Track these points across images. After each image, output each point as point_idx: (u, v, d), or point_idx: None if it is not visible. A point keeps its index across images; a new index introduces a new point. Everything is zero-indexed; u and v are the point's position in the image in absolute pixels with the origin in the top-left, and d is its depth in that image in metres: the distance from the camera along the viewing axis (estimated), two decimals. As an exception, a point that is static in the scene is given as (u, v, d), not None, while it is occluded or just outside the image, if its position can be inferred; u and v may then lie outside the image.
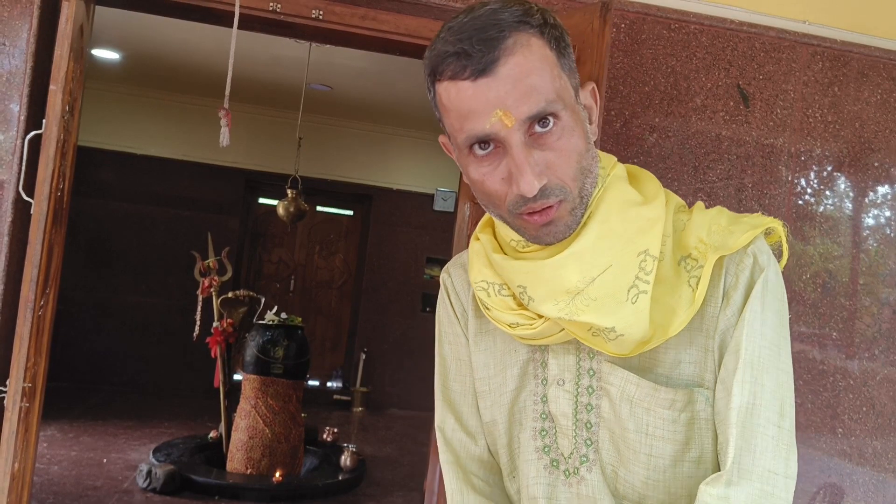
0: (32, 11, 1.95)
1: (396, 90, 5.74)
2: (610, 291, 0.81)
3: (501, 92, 0.76)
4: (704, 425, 0.85)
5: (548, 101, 0.77)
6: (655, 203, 0.86)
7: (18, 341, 1.74)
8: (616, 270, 0.82)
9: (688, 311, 0.83)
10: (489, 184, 0.81)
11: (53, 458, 4.48)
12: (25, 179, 1.91)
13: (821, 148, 2.39)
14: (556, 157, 0.79)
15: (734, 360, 0.82)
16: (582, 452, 0.89)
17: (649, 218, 0.84)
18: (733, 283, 0.84)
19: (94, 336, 6.42)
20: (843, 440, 2.34)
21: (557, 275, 0.82)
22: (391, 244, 7.20)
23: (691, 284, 0.84)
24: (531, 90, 0.77)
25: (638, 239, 0.83)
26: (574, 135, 0.80)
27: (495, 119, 0.77)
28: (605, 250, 0.82)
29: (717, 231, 0.85)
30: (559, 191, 0.80)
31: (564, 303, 0.82)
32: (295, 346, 4.59)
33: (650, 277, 0.82)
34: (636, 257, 0.82)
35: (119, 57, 5.61)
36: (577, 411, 0.89)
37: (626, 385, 0.86)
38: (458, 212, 2.36)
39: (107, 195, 6.53)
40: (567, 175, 0.80)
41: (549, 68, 0.78)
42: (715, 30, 2.34)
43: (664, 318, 0.83)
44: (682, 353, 0.86)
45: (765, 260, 0.85)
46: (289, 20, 2.25)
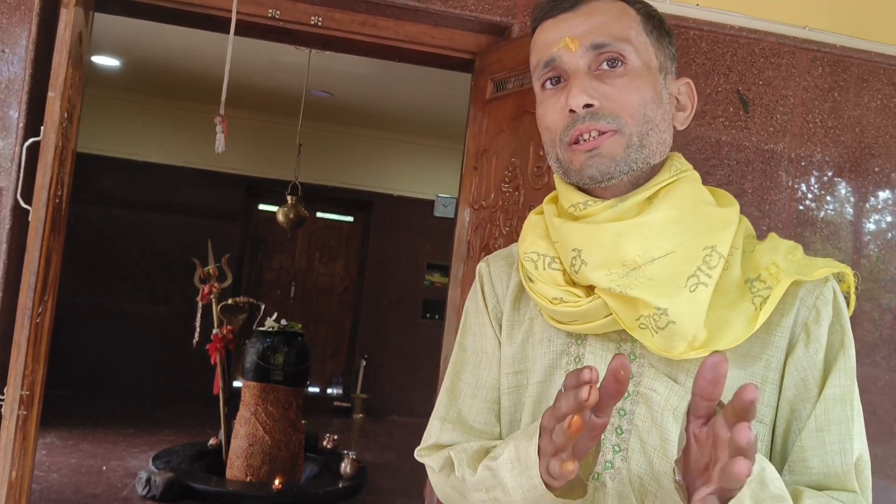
0: (31, 18, 1.95)
1: (397, 96, 5.75)
2: (668, 275, 0.79)
3: (575, 23, 0.85)
4: None
5: (616, 38, 0.83)
6: (730, 209, 0.85)
7: (16, 349, 1.73)
8: (678, 258, 0.80)
9: (746, 328, 0.78)
10: (549, 115, 0.86)
11: (53, 466, 4.47)
12: (24, 186, 1.91)
13: (821, 153, 2.39)
14: (616, 91, 0.82)
15: (841, 410, 0.79)
16: (608, 458, 0.84)
17: (722, 219, 0.83)
18: (814, 318, 0.81)
19: (93, 343, 6.41)
20: (845, 447, 2.33)
21: (617, 242, 0.81)
22: (392, 250, 7.19)
23: (755, 304, 0.80)
24: (602, 25, 0.84)
25: (707, 234, 0.81)
26: (642, 82, 0.84)
27: (563, 44, 0.84)
28: (670, 235, 0.81)
29: (792, 260, 0.82)
30: (612, 119, 0.82)
31: (618, 274, 0.80)
32: (295, 353, 4.58)
33: (713, 273, 0.79)
34: (702, 250, 0.80)
35: (119, 63, 5.62)
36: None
37: (671, 396, 0.82)
38: (457, 218, 2.35)
39: (107, 202, 6.54)
40: (625, 110, 0.83)
41: (628, 21, 0.85)
42: (714, 35, 2.34)
43: (718, 328, 0.79)
44: (733, 378, 0.80)
45: (843, 300, 0.82)
46: (288, 27, 2.25)
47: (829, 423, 0.79)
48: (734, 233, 0.83)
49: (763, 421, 0.81)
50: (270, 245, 7.23)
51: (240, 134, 6.43)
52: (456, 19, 2.26)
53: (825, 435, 0.79)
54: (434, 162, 7.11)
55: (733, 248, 0.83)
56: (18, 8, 1.95)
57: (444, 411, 0.98)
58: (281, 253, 7.26)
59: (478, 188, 2.27)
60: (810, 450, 0.79)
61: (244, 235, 7.08)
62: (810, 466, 0.79)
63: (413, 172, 7.19)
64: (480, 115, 2.30)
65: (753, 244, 0.86)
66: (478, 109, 2.31)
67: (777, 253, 0.83)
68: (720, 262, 0.79)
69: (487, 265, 1.02)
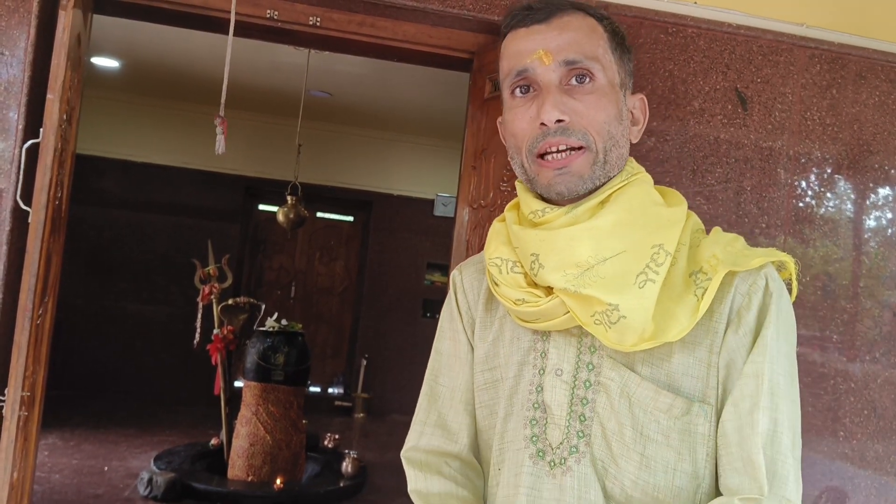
0: (30, 21, 1.95)
1: (396, 96, 5.75)
2: (619, 273, 0.85)
3: (548, 36, 0.89)
4: (700, 440, 0.86)
5: (587, 56, 0.88)
6: (677, 209, 0.92)
7: (17, 350, 1.74)
8: (628, 256, 0.85)
9: (689, 319, 0.84)
10: (517, 122, 0.91)
11: (55, 467, 4.47)
12: (23, 188, 1.91)
13: (819, 150, 2.39)
14: (584, 107, 0.88)
15: (754, 384, 0.83)
16: (573, 443, 0.89)
17: (669, 218, 0.89)
18: (745, 304, 0.86)
19: (94, 344, 6.42)
20: (844, 443, 2.34)
21: (570, 245, 0.86)
22: (392, 250, 7.19)
23: (697, 295, 0.85)
24: (575, 41, 0.89)
25: (655, 233, 0.87)
26: (607, 100, 0.89)
27: (536, 56, 0.88)
28: (621, 237, 0.86)
29: (731, 252, 0.88)
30: (581, 135, 0.88)
31: (573, 275, 0.85)
32: (295, 353, 4.58)
33: (661, 269, 0.85)
34: (650, 248, 0.86)
35: (119, 65, 5.62)
36: (573, 403, 0.90)
37: (628, 383, 0.87)
38: (456, 217, 2.36)
39: (107, 203, 6.54)
40: (592, 126, 0.88)
41: (597, 39, 0.90)
42: (712, 33, 2.34)
43: (665, 321, 0.85)
44: (683, 364, 0.87)
45: (777, 287, 0.87)
46: (286, 27, 2.25)
47: (743, 397, 0.84)
48: (681, 230, 0.89)
49: (708, 402, 0.86)
50: (271, 245, 7.23)
51: (239, 134, 6.43)
52: (454, 19, 2.26)
53: (739, 408, 0.84)
54: (434, 161, 7.11)
55: (680, 245, 0.89)
56: (17, 10, 1.95)
57: (425, 415, 1.05)
58: (281, 253, 7.26)
59: (476, 187, 2.27)
60: (728, 423, 0.84)
61: (244, 236, 7.08)
62: (730, 441, 0.84)
63: (413, 172, 7.19)
64: (479, 115, 2.30)
65: (700, 238, 0.92)
66: (476, 109, 2.31)
67: (717, 245, 0.89)
68: (667, 259, 0.86)
69: (460, 273, 1.09)
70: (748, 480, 0.82)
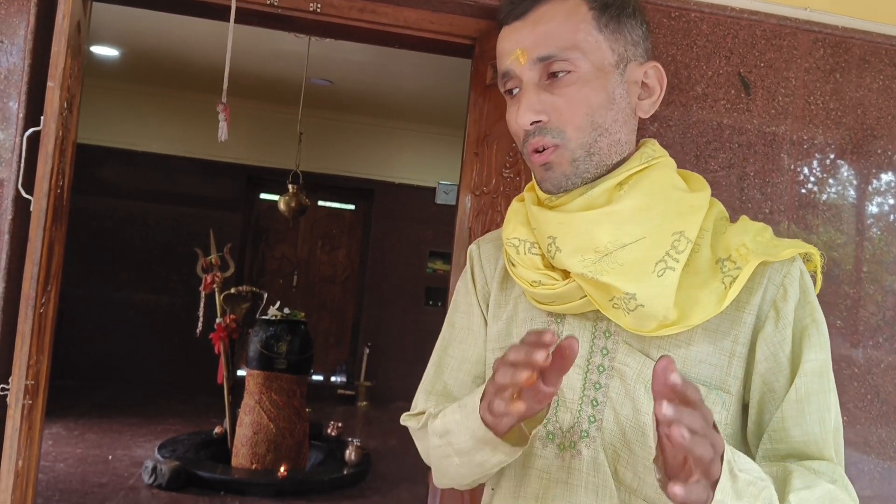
0: (30, 9, 1.94)
1: (397, 83, 5.73)
2: (638, 260, 0.83)
3: (524, 33, 0.87)
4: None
5: (560, 48, 0.85)
6: (701, 194, 0.89)
7: (20, 339, 1.74)
8: (648, 243, 0.84)
9: (715, 306, 0.83)
10: (511, 122, 0.90)
11: (59, 456, 4.49)
12: (25, 177, 1.91)
13: (823, 135, 2.38)
14: (563, 103, 0.85)
15: (818, 382, 0.84)
16: (583, 428, 0.89)
17: (692, 204, 0.87)
18: (782, 295, 0.85)
19: (97, 334, 6.43)
20: (847, 429, 2.34)
21: (589, 230, 0.85)
22: (393, 238, 7.19)
23: (725, 283, 0.84)
24: (547, 35, 0.85)
25: (677, 220, 0.85)
26: (590, 88, 0.85)
27: (514, 57, 0.87)
28: (641, 222, 0.84)
29: (761, 242, 0.86)
30: (556, 133, 0.86)
31: (591, 261, 0.84)
32: (298, 342, 4.59)
33: (681, 257, 0.83)
34: (671, 235, 0.84)
35: (118, 53, 5.61)
36: (585, 387, 0.89)
37: (644, 369, 0.86)
38: (458, 204, 2.35)
39: (108, 192, 6.54)
40: (570, 122, 0.85)
41: (576, 22, 0.86)
42: (715, 18, 2.32)
43: (688, 307, 0.83)
44: (703, 352, 0.85)
45: (809, 278, 0.87)
46: (287, 14, 2.23)
47: (809, 394, 0.83)
48: (703, 217, 0.87)
49: (729, 391, 0.85)
50: (272, 234, 7.23)
51: (240, 123, 6.41)
52: (455, 4, 2.25)
53: (805, 405, 0.83)
54: (435, 149, 7.10)
55: (703, 231, 0.87)
56: (16, -2, 1.94)
57: (430, 384, 1.05)
58: (283, 242, 7.26)
59: (479, 174, 2.26)
60: (790, 420, 0.83)
61: (246, 225, 7.08)
62: (791, 435, 0.83)
63: (414, 160, 7.18)
64: (481, 101, 2.29)
65: (725, 226, 0.90)
66: (478, 95, 2.30)
67: (747, 234, 0.87)
68: (688, 247, 0.84)
69: (478, 247, 1.08)
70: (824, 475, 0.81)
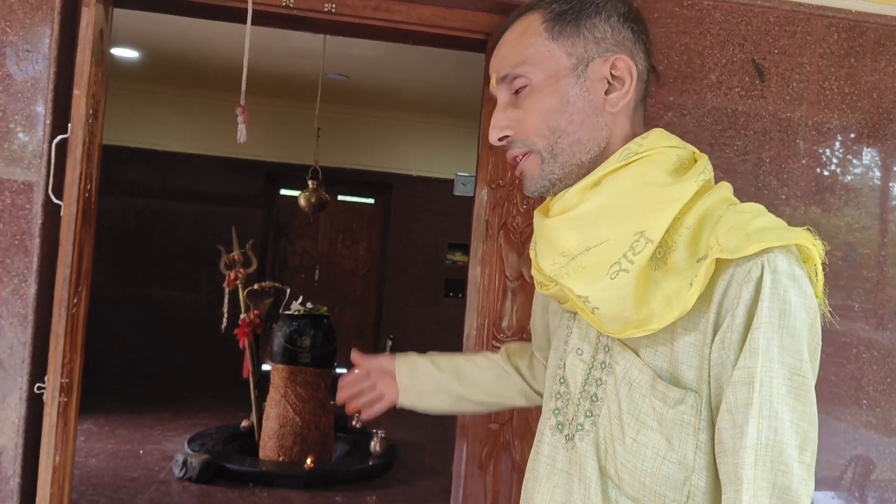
0: (53, 17, 2.00)
1: (413, 77, 5.75)
2: (598, 263, 0.84)
3: (494, 60, 0.96)
4: (689, 431, 0.82)
5: (513, 65, 0.92)
6: (678, 186, 0.85)
7: (55, 339, 1.80)
8: (611, 245, 0.84)
9: (680, 307, 0.80)
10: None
11: (91, 452, 4.60)
12: (54, 182, 1.97)
13: (838, 119, 2.38)
14: (523, 115, 0.92)
15: (746, 393, 0.77)
16: (580, 421, 0.92)
17: (662, 200, 0.84)
18: (735, 297, 0.79)
19: (125, 331, 6.55)
20: (868, 412, 2.34)
21: (556, 235, 0.89)
22: (413, 231, 7.23)
23: (692, 282, 0.80)
24: (504, 56, 0.94)
25: (641, 219, 0.83)
26: (543, 97, 0.91)
27: (493, 82, 0.96)
28: (606, 225, 0.85)
29: (737, 235, 0.79)
30: (521, 143, 0.93)
31: (559, 265, 0.88)
32: (321, 335, 4.65)
33: (637, 258, 0.82)
34: (631, 236, 0.83)
35: (139, 55, 5.68)
36: (587, 382, 0.92)
37: (631, 368, 0.87)
38: (476, 196, 2.38)
39: (132, 192, 6.64)
40: (532, 131, 0.91)
41: (526, 39, 0.92)
42: (728, 5, 2.33)
43: (662, 308, 0.81)
44: (684, 353, 0.83)
45: (782, 276, 0.77)
46: (302, 14, 2.27)
47: (737, 405, 0.78)
48: (676, 212, 0.83)
49: (700, 393, 0.82)
50: (293, 229, 7.30)
51: (259, 120, 6.46)
52: (467, 0, 2.27)
53: (734, 416, 0.78)
54: (452, 141, 7.12)
55: (682, 228, 0.83)
56: (40, 7, 1.99)
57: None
58: (304, 237, 7.33)
59: (494, 167, 2.29)
60: (724, 432, 0.79)
61: (267, 221, 7.15)
62: (725, 450, 0.79)
63: (431, 152, 7.20)
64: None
65: (719, 217, 0.83)
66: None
67: (723, 227, 0.80)
68: (647, 247, 0.82)
69: None
70: (733, 496, 0.77)
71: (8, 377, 1.96)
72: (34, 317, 1.98)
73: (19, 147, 1.99)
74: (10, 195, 1.98)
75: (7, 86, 1.99)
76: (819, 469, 2.32)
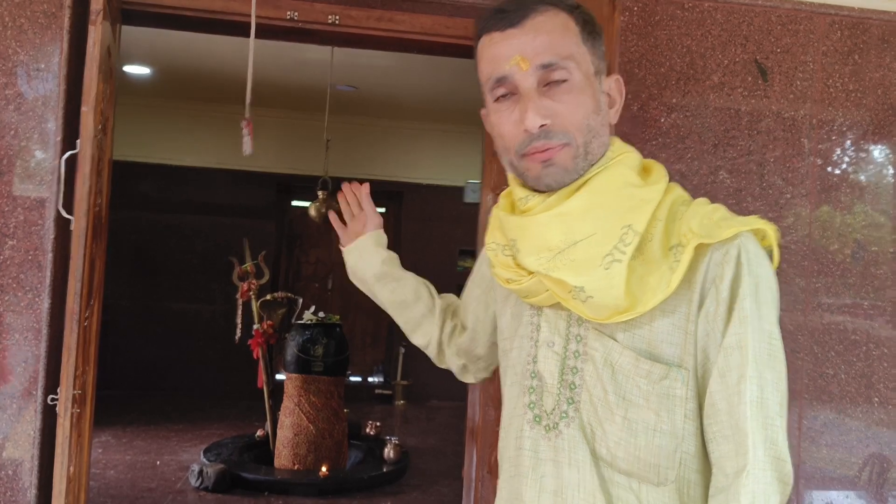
0: (62, 36, 2.04)
1: (421, 86, 5.78)
2: (588, 256, 0.89)
3: (523, 41, 0.92)
4: (678, 402, 0.90)
5: (560, 56, 0.91)
6: (653, 187, 0.95)
7: (66, 352, 1.83)
8: (598, 238, 0.90)
9: (664, 291, 0.88)
10: (504, 125, 0.95)
11: (109, 463, 4.64)
12: (65, 197, 2.01)
13: (843, 117, 2.38)
14: (563, 108, 0.92)
15: (738, 356, 0.87)
16: (563, 409, 0.96)
17: (642, 198, 0.92)
18: (719, 274, 0.89)
19: (141, 343, 6.60)
20: (879, 409, 2.33)
21: (542, 232, 0.92)
22: (424, 239, 7.25)
23: (672, 268, 0.89)
24: (548, 44, 0.91)
25: (626, 215, 0.91)
26: (585, 96, 0.93)
27: (514, 62, 0.92)
28: (591, 220, 0.91)
29: (707, 224, 0.90)
30: (562, 135, 0.92)
31: (545, 259, 0.91)
32: (334, 344, 4.67)
33: (628, 249, 0.89)
34: (620, 230, 0.90)
35: (150, 72, 5.75)
36: (563, 372, 0.96)
37: (611, 352, 0.92)
38: (482, 202, 2.40)
39: (147, 206, 6.71)
40: (572, 124, 0.92)
41: (569, 35, 0.93)
42: (730, 6, 2.33)
43: (642, 294, 0.89)
44: (662, 332, 0.91)
45: (753, 256, 0.89)
46: (307, 27, 2.30)
47: (729, 368, 0.87)
48: (654, 208, 0.92)
49: (685, 367, 0.91)
50: (306, 239, 7.34)
51: (268, 132, 6.54)
52: (469, 8, 2.30)
53: (727, 378, 0.87)
54: (461, 148, 7.14)
55: (656, 221, 0.92)
56: (50, 27, 2.04)
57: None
58: (317, 246, 7.37)
59: (499, 173, 2.31)
60: (717, 394, 0.88)
61: (280, 232, 7.20)
62: (719, 410, 0.88)
63: (441, 160, 7.23)
64: (498, 101, 2.33)
65: (682, 212, 0.94)
66: (495, 95, 2.34)
67: (695, 218, 0.91)
68: (635, 238, 0.90)
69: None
70: (734, 447, 0.86)
71: (23, 390, 2.00)
72: (48, 330, 2.01)
73: (32, 164, 2.03)
74: (23, 211, 2.02)
75: (19, 104, 2.03)
76: (834, 468, 2.31)
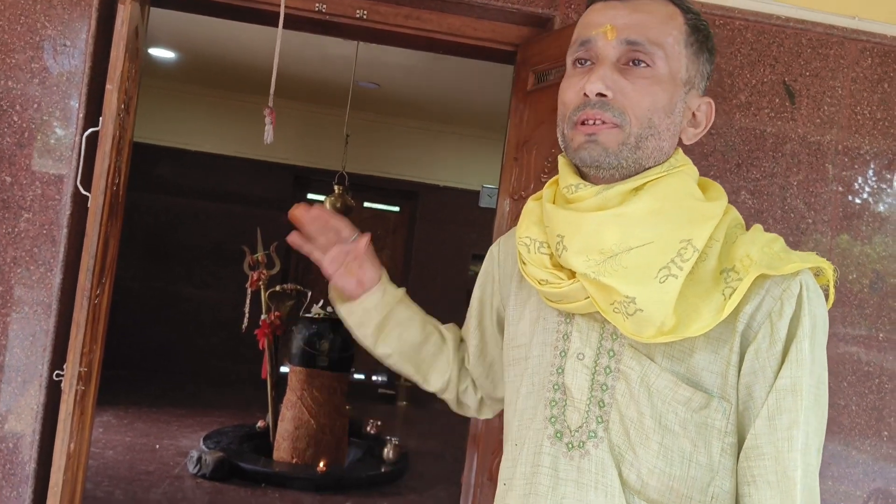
0: (91, 14, 2.05)
1: (444, 87, 5.78)
2: (642, 265, 0.84)
3: (621, 13, 0.89)
4: (716, 434, 0.86)
5: (650, 40, 0.88)
6: (715, 204, 0.90)
7: (75, 327, 1.83)
8: (655, 248, 0.85)
9: (714, 317, 0.83)
10: (568, 91, 0.91)
11: (108, 443, 4.65)
12: (83, 174, 2.01)
13: (869, 145, 2.35)
14: (631, 89, 0.87)
15: (792, 400, 0.82)
16: (591, 428, 0.89)
17: (704, 214, 0.87)
18: (777, 310, 0.84)
19: (150, 326, 6.63)
20: (888, 443, 2.30)
21: (597, 230, 0.86)
22: (437, 241, 7.24)
23: (725, 294, 0.84)
24: (643, 23, 0.88)
25: (686, 227, 0.86)
26: (660, 88, 0.88)
27: (602, 30, 0.89)
28: (651, 227, 0.86)
29: (768, 254, 0.85)
30: (618, 114, 0.87)
31: (595, 261, 0.85)
32: (340, 340, 4.66)
33: (685, 265, 0.84)
34: (678, 243, 0.85)
35: (175, 56, 5.78)
36: (593, 388, 0.90)
37: (647, 373, 0.87)
38: (498, 208, 2.39)
39: (163, 190, 6.74)
40: (633, 109, 0.88)
41: (670, 28, 0.89)
42: (760, 26, 2.31)
43: (687, 316, 0.84)
44: (705, 360, 0.86)
45: (813, 294, 0.84)
46: (334, 20, 2.30)
47: (780, 411, 0.83)
48: (714, 226, 0.87)
49: (729, 400, 0.86)
50: (319, 234, 7.34)
51: (289, 124, 6.55)
52: (498, 11, 2.29)
53: (776, 422, 0.83)
54: (479, 152, 7.13)
55: (713, 241, 0.87)
56: (79, 4, 2.04)
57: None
58: (329, 241, 7.37)
59: (518, 179, 2.29)
60: (762, 437, 0.83)
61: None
62: (764, 453, 0.83)
63: (459, 163, 7.22)
64: (521, 107, 2.32)
65: (737, 234, 0.90)
66: (519, 101, 2.33)
67: (754, 245, 0.86)
68: (693, 255, 0.84)
69: (499, 246, 1.16)
70: (780, 494, 0.82)
71: (29, 364, 2.00)
72: (58, 306, 2.02)
73: (52, 139, 2.04)
74: (41, 185, 2.02)
75: (43, 79, 2.04)
76: (838, 501, 2.27)
